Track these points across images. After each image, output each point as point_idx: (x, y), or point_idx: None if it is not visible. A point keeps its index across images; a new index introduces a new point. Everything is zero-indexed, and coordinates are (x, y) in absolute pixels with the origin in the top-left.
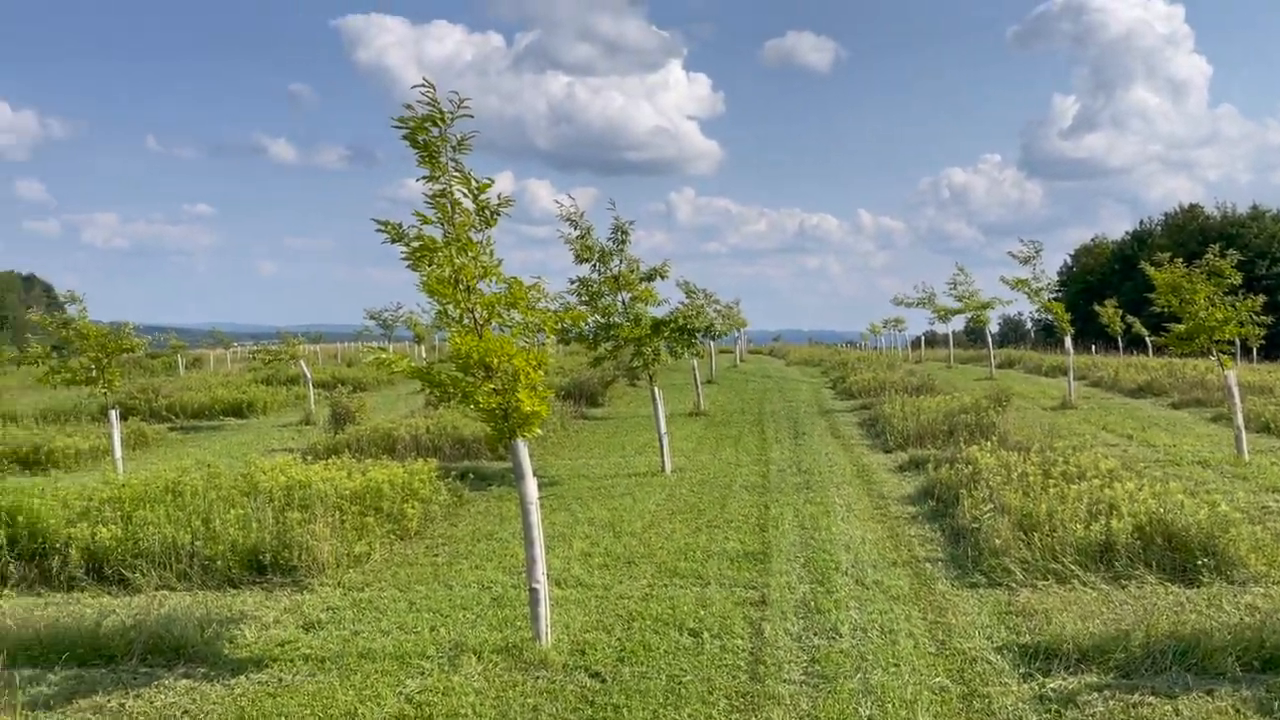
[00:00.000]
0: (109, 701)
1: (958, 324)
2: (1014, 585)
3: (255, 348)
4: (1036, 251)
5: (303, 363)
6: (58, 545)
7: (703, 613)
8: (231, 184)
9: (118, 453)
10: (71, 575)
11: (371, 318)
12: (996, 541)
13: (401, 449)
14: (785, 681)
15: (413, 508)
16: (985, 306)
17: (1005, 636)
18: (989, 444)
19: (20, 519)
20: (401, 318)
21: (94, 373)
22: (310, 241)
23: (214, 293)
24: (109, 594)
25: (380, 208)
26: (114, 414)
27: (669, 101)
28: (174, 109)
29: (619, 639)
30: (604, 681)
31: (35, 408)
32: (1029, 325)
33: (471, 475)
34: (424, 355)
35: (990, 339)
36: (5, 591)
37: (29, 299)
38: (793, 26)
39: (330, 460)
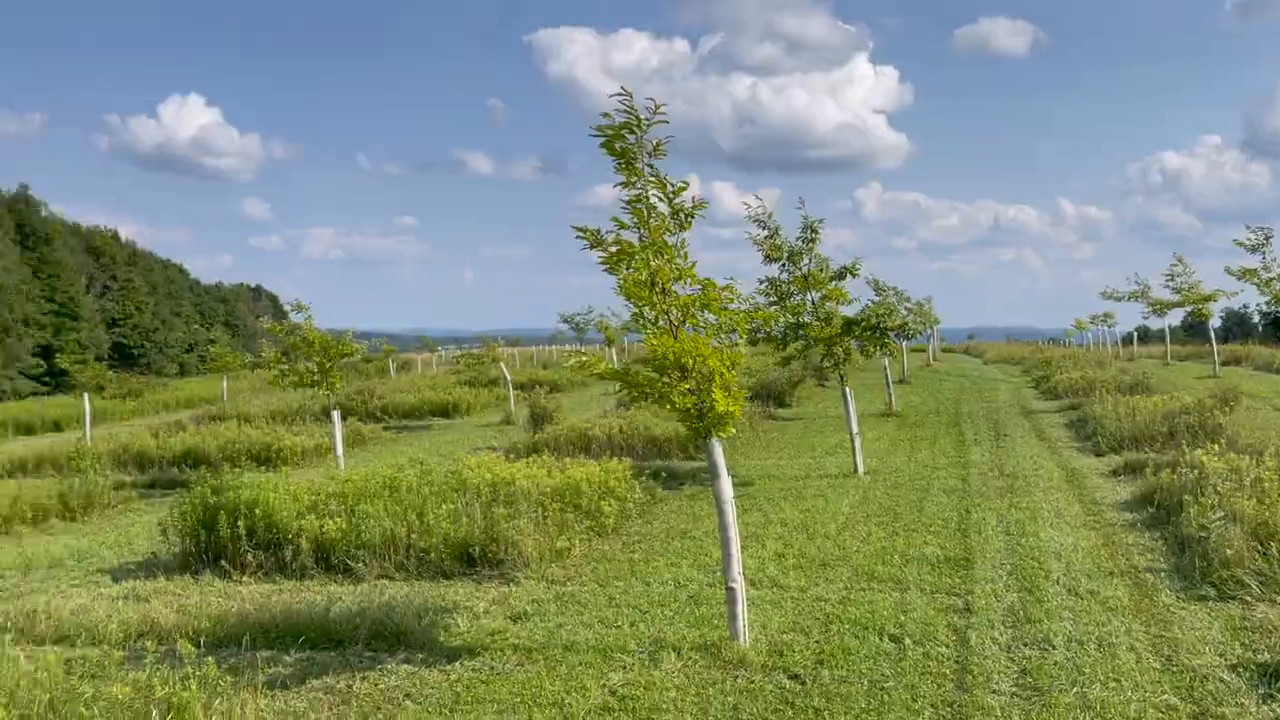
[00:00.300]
0: (338, 683)
1: (1175, 318)
2: (1249, 599)
3: (459, 352)
4: (1266, 238)
5: (502, 365)
6: (290, 536)
7: (903, 618)
8: (434, 197)
9: (339, 450)
10: (303, 564)
11: (565, 321)
12: (1228, 552)
13: (596, 448)
14: (994, 692)
15: (609, 505)
16: (1207, 299)
17: (1240, 654)
18: (1215, 447)
19: (258, 512)
20: (593, 321)
21: (318, 376)
22: (506, 249)
23: (419, 300)
24: (335, 582)
25: (571, 215)
26: (335, 414)
27: (854, 96)
28: (382, 128)
29: (817, 641)
30: (803, 684)
31: (265, 408)
32: (1257, 319)
33: (664, 474)
34: (614, 357)
35: (1212, 334)
36: (245, 579)
37: (257, 308)
38: (985, 12)
39: (531, 458)
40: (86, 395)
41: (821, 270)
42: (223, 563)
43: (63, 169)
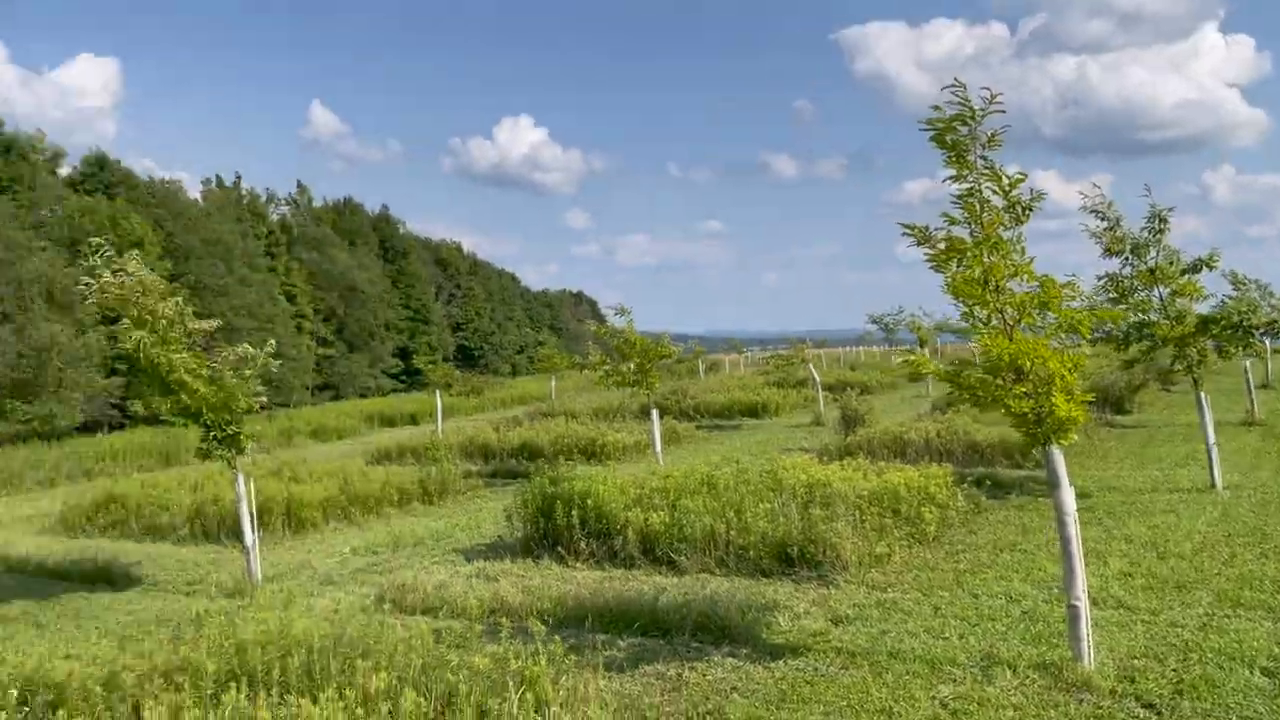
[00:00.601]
0: (668, 670)
1: None
2: None
3: (768, 354)
4: None
5: (810, 366)
6: (618, 527)
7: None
8: (739, 201)
9: (658, 446)
10: (630, 554)
11: (873, 321)
12: None
13: (912, 453)
14: None
15: (930, 512)
16: None
17: None
18: None
19: (589, 503)
20: (903, 321)
21: (638, 376)
22: (810, 250)
23: (725, 302)
24: (660, 573)
25: (877, 213)
26: (654, 413)
27: (1201, 69)
28: (690, 137)
29: (1174, 670)
30: (1159, 714)
31: (588, 406)
32: None
33: (988, 482)
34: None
35: None
36: (578, 564)
37: (578, 313)
38: None
39: (844, 461)
40: (438, 392)
41: (1171, 263)
42: (559, 548)
43: (415, 189)
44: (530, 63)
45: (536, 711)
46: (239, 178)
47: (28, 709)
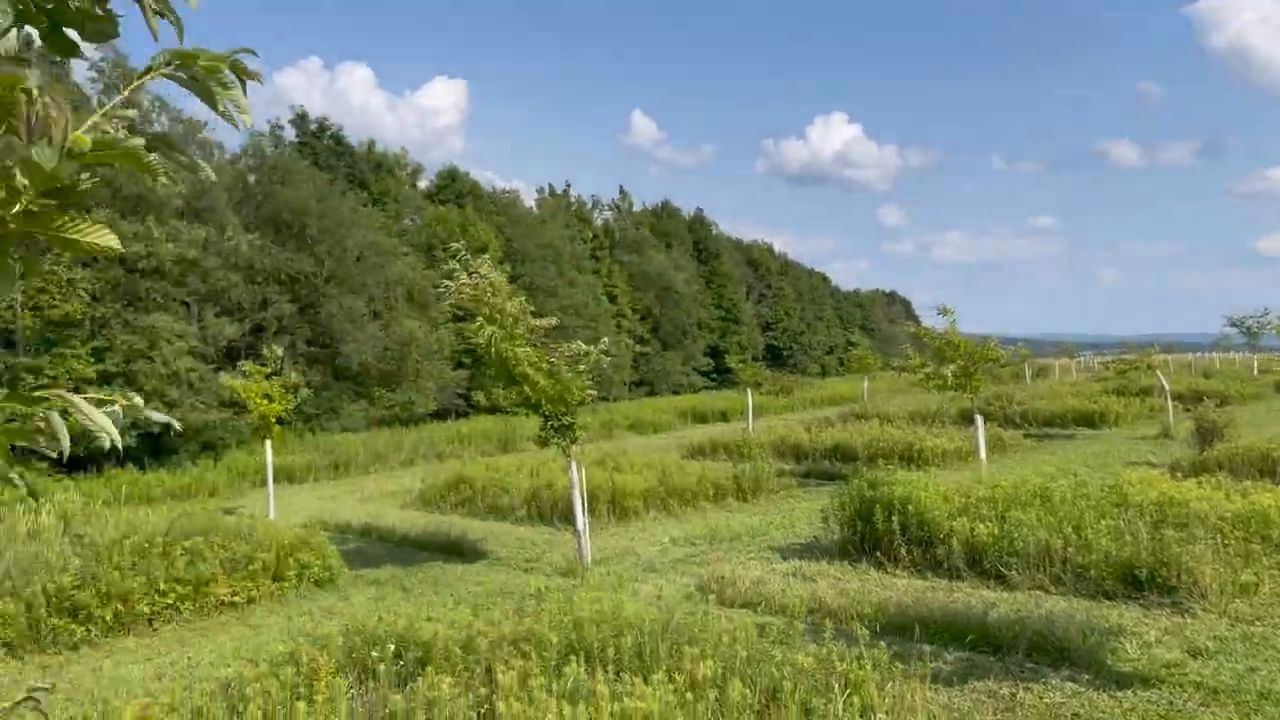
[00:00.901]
0: (1000, 689)
1: None
2: None
3: (1109, 359)
4: None
5: (1159, 374)
6: (941, 536)
7: None
8: (1071, 194)
9: (982, 454)
10: (954, 565)
11: (1233, 325)
12: None
13: None
14: None
15: None
16: None
17: None
18: None
19: (910, 509)
20: (1270, 324)
21: (961, 380)
22: (1153, 246)
23: (1053, 303)
24: (987, 587)
25: (1230, 204)
26: (979, 419)
27: None
28: (1018, 129)
29: None
30: None
31: (903, 409)
32: None
33: None
34: None
35: None
36: (897, 571)
37: (890, 313)
38: None
39: (1201, 478)
40: (749, 391)
41: None
42: (877, 553)
43: (727, 190)
44: (845, 61)
45: (862, 716)
46: (568, 186)
47: (402, 662)
